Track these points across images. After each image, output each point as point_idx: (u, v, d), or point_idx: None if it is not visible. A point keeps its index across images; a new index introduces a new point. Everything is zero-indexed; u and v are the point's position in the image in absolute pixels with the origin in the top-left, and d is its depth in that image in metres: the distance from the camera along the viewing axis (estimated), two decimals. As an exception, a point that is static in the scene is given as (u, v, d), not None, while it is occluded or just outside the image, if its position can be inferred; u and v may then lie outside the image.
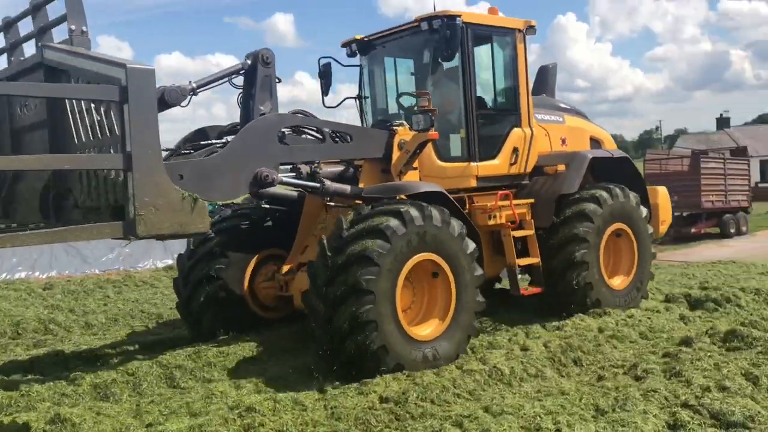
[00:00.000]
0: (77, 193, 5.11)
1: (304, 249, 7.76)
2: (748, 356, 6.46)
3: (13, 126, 5.99)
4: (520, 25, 8.20)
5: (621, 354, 6.99)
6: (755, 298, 9.30)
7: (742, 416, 4.98)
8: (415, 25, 7.74)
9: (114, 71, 4.45)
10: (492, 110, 8.27)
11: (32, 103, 5.64)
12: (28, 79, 5.49)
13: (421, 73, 8.34)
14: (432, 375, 6.09)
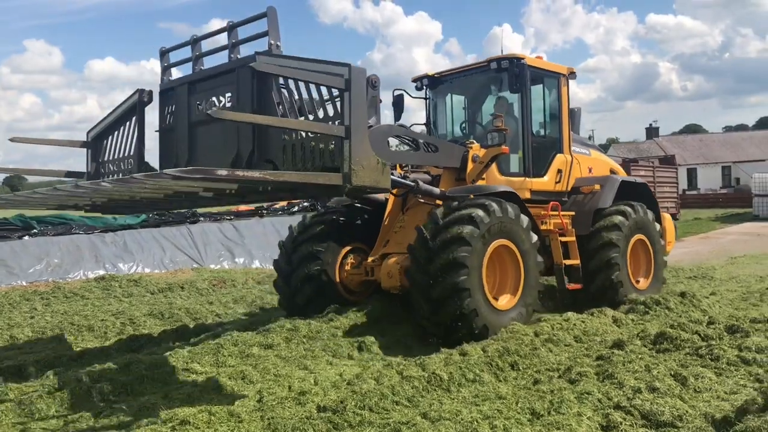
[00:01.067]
0: (279, 162, 6.29)
1: (386, 243, 9.15)
2: (677, 357, 6.66)
3: (191, 119, 7.12)
4: (564, 71, 9.89)
5: (556, 357, 7.10)
6: (683, 301, 9.57)
7: (671, 416, 5.11)
8: (483, 65, 9.39)
9: (339, 70, 5.87)
10: (541, 138, 9.74)
11: (218, 98, 6.86)
12: (224, 79, 6.82)
13: (485, 104, 9.99)
14: (371, 382, 6.07)
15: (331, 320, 8.62)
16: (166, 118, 7.50)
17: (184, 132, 7.15)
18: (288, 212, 20.42)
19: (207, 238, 17.58)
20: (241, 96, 6.56)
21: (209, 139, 6.96)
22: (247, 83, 6.54)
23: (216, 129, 6.87)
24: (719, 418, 5.12)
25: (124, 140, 7.70)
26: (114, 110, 7.85)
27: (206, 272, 15.33)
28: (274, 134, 6.37)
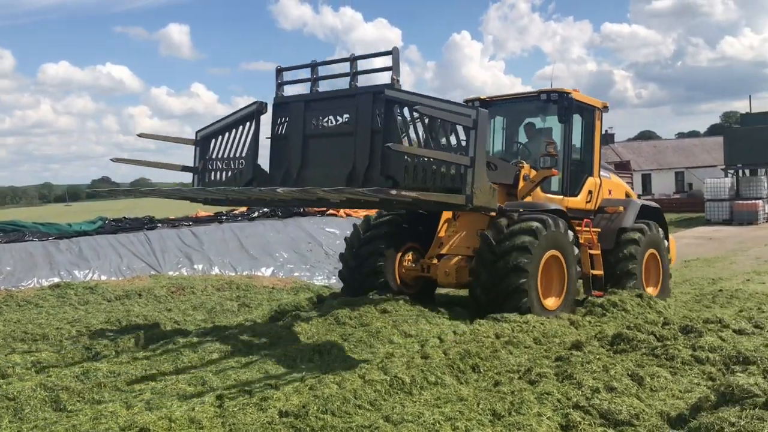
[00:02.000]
0: (400, 179, 7.28)
1: (440, 245, 10.37)
2: (634, 357, 6.81)
3: (305, 133, 8.25)
4: (599, 105, 11.06)
5: (516, 359, 7.19)
6: (640, 302, 9.77)
7: (628, 415, 5.23)
8: (534, 95, 10.50)
9: (467, 111, 7.03)
10: (577, 162, 10.82)
11: (334, 116, 8.10)
12: (343, 102, 8.06)
13: (531, 129, 10.97)
14: (334, 387, 6.06)
15: (292, 325, 8.59)
16: (278, 127, 8.64)
17: (298, 142, 8.33)
18: (248, 218, 20.23)
19: (165, 244, 17.30)
20: (359, 118, 7.75)
21: (322, 151, 8.13)
22: (367, 108, 7.70)
23: (331, 144, 8.08)
24: (674, 415, 5.26)
25: (235, 143, 8.84)
26: (228, 116, 8.97)
27: (164, 279, 15.07)
28: (396, 155, 7.29)
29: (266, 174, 8.75)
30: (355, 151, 7.76)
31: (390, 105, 7.51)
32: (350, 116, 7.95)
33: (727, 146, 37.20)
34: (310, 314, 9.41)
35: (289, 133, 8.52)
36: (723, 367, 6.49)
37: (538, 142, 10.41)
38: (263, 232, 19.02)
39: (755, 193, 34.68)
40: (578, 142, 10.87)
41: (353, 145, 7.79)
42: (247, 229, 18.95)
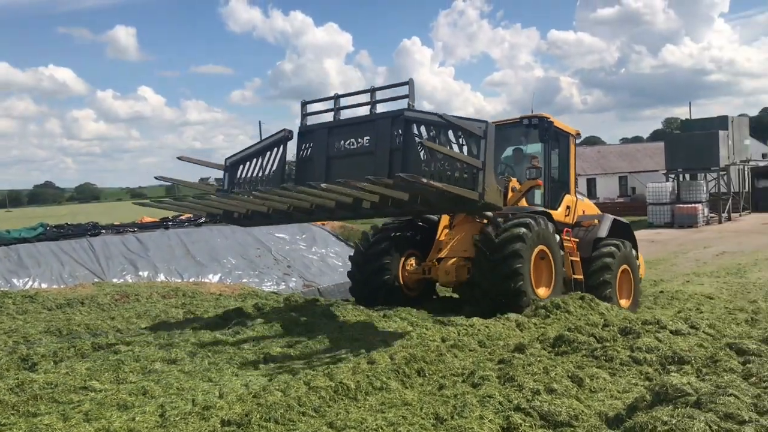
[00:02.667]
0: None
1: (439, 249, 11.34)
2: (574, 359, 6.94)
3: (328, 154, 9.35)
4: (573, 132, 12.35)
5: (461, 362, 7.26)
6: (582, 304, 9.98)
7: (567, 416, 5.33)
8: (517, 121, 11.73)
9: (478, 123, 8.10)
10: (556, 180, 11.97)
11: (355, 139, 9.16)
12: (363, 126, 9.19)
13: (518, 152, 12.24)
14: (278, 394, 6.02)
15: (238, 333, 8.51)
16: (303, 152, 9.79)
17: (322, 163, 9.41)
18: (195, 223, 19.95)
19: (109, 251, 16.94)
20: (380, 139, 8.93)
21: (345, 169, 8.95)
22: (386, 130, 8.88)
23: (353, 163, 9.10)
24: (612, 416, 5.38)
25: (264, 166, 9.88)
26: (256, 144, 10.14)
27: (108, 287, 14.74)
28: (416, 166, 8.40)
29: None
30: (375, 167, 8.70)
31: (408, 124, 8.70)
32: (370, 138, 9.07)
33: (668, 151, 38.32)
34: (256, 321, 9.33)
35: (313, 156, 9.63)
36: (659, 367, 6.67)
37: (522, 163, 11.79)
38: (210, 237, 18.79)
39: (695, 196, 35.81)
40: (556, 163, 12.04)
41: (373, 163, 8.84)
42: (194, 234, 18.70)
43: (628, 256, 12.21)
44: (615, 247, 11.88)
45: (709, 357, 6.64)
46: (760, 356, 6.51)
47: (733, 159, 37.21)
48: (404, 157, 8.61)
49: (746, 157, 40.09)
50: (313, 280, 17.47)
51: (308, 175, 9.37)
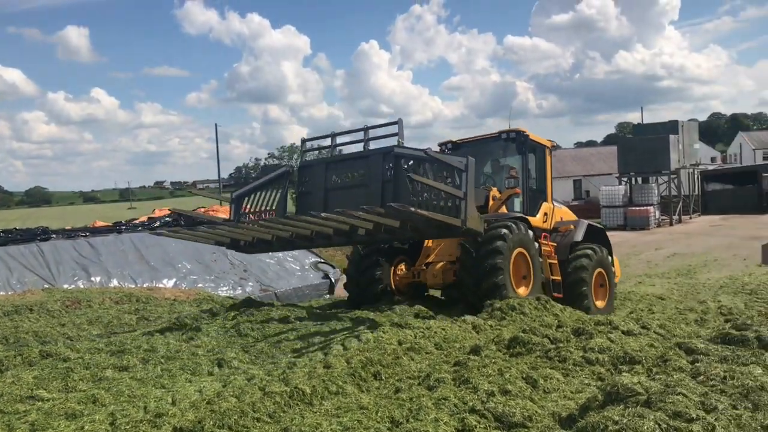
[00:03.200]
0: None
1: (427, 255, 12.27)
2: (529, 360, 7.01)
3: (326, 187, 10.50)
4: (549, 144, 12.98)
5: (417, 365, 7.27)
6: (537, 305, 10.09)
7: (521, 417, 5.38)
8: (495, 135, 12.53)
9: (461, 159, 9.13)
10: (534, 189, 12.58)
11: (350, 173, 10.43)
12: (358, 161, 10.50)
13: (496, 164, 12.92)
14: (232, 400, 5.94)
15: (192, 338, 8.39)
16: (303, 185, 10.95)
17: (320, 195, 10.53)
18: (149, 228, 19.63)
19: (60, 256, 16.55)
20: (372, 172, 10.04)
21: (341, 200, 10.02)
22: (378, 164, 9.98)
23: (348, 194, 10.23)
24: (565, 416, 5.45)
25: (266, 199, 11.01)
26: (260, 179, 11.47)
27: (59, 293, 14.40)
28: (405, 196, 9.34)
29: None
30: (368, 198, 9.78)
31: (398, 159, 9.79)
32: (364, 172, 10.24)
33: (621, 155, 39.05)
34: (211, 326, 9.22)
35: (311, 189, 10.81)
36: (611, 367, 6.78)
37: (501, 174, 12.54)
38: (165, 242, 18.47)
39: (647, 199, 36.58)
40: (533, 173, 12.69)
41: (367, 194, 9.94)
42: (148, 239, 18.39)
43: (602, 259, 12.72)
44: (591, 251, 12.44)
45: (660, 357, 6.78)
46: (708, 355, 6.67)
47: (683, 163, 38.10)
48: (395, 188, 9.75)
49: (696, 161, 41.12)
50: (270, 285, 17.34)
51: (308, 206, 10.44)
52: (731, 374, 5.71)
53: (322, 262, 19.69)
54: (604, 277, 12.81)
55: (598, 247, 12.70)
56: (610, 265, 13.19)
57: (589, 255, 12.29)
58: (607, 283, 12.88)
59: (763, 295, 15.38)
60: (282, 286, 17.35)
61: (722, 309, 13.06)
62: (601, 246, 12.92)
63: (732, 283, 17.36)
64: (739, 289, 16.50)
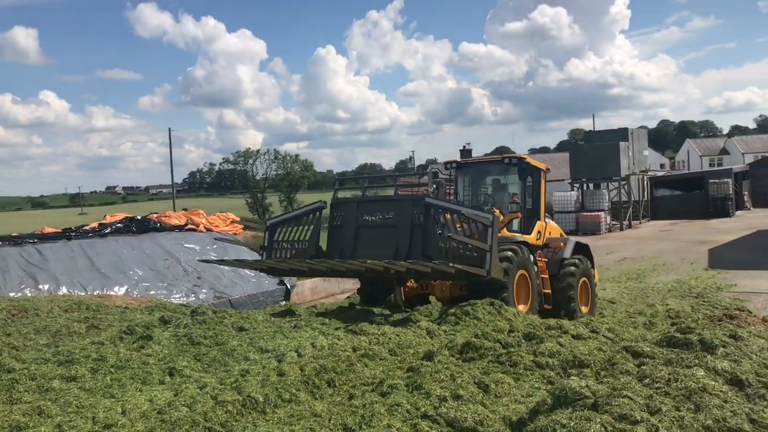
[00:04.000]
0: (435, 258, 10.18)
1: None
2: (481, 365, 7.10)
3: (357, 224, 11.34)
4: (544, 167, 13.72)
5: (371, 372, 7.29)
6: (491, 310, 10.18)
7: (473, 421, 5.45)
8: (498, 159, 13.70)
9: (486, 215, 10.24)
10: (529, 209, 13.29)
11: (380, 214, 11.20)
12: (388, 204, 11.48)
13: (497, 184, 13.81)
14: (183, 409, 5.89)
15: (143, 347, 8.26)
16: (336, 220, 11.76)
17: (351, 232, 11.41)
18: (99, 234, 19.25)
19: (5, 263, 16.10)
20: (402, 216, 10.97)
21: (371, 238, 11.18)
22: (408, 209, 10.92)
23: (378, 233, 11.19)
24: (515, 420, 5.54)
25: (301, 230, 12.07)
26: (295, 211, 12.91)
27: (4, 301, 13.98)
28: (433, 241, 10.54)
29: (325, 253, 11.78)
30: (398, 238, 10.91)
31: (428, 208, 10.75)
32: (394, 214, 11.10)
33: (573, 162, 39.80)
34: (163, 334, 9.08)
35: (343, 224, 11.61)
36: (561, 371, 6.92)
37: (501, 194, 13.50)
38: (116, 249, 18.17)
39: (598, 205, 37.32)
40: (530, 196, 13.49)
41: (396, 235, 10.98)
42: (99, 246, 18.04)
43: (586, 270, 13.81)
44: (575, 266, 13.45)
45: (607, 360, 6.94)
46: (654, 358, 6.84)
47: (633, 169, 38.98)
48: (424, 233, 10.72)
49: (645, 168, 42.11)
50: (225, 292, 17.16)
51: (339, 240, 11.54)
52: (675, 377, 5.87)
53: (278, 268, 19.58)
54: (587, 284, 13.81)
55: (581, 259, 13.70)
56: (593, 276, 14.27)
57: (576, 265, 13.37)
58: (589, 289, 13.90)
59: (709, 298, 15.86)
60: (237, 293, 17.19)
61: (670, 312, 13.41)
62: (584, 258, 13.90)
63: (680, 287, 17.84)
64: (687, 292, 16.98)
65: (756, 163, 53.57)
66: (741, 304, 14.28)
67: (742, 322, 8.96)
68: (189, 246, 19.42)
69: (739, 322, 9.04)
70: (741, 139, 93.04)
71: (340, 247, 11.52)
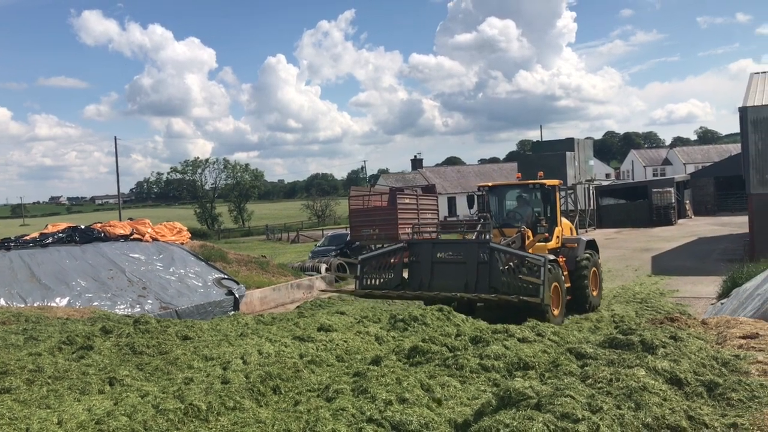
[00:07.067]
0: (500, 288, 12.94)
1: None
2: (427, 369, 7.10)
3: (433, 260, 13.84)
4: (557, 183, 16.08)
5: (318, 378, 7.22)
6: (440, 316, 10.24)
7: (418, 424, 5.43)
8: (526, 183, 16.23)
9: (539, 256, 12.74)
10: (549, 218, 15.53)
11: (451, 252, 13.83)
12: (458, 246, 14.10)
13: (523, 201, 16.13)
14: (123, 419, 5.74)
15: (83, 357, 8.03)
16: (413, 256, 14.17)
17: (428, 266, 13.86)
18: (40, 244, 18.68)
19: (-61, 275, 15.50)
20: (469, 255, 13.48)
21: (444, 271, 13.69)
22: (474, 250, 13.45)
23: (450, 267, 13.64)
24: (461, 422, 5.54)
25: (388, 264, 14.62)
26: (384, 249, 15.26)
27: (-63, 314, 13.45)
28: (497, 275, 12.97)
29: (407, 282, 14.17)
30: (467, 272, 13.40)
31: (492, 251, 13.15)
32: (463, 253, 13.63)
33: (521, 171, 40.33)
34: (104, 344, 8.85)
35: (421, 260, 14.03)
36: (506, 373, 6.96)
37: (524, 208, 15.83)
38: (58, 259, 17.66)
39: (546, 213, 37.84)
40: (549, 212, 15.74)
41: (465, 269, 13.46)
42: (39, 256, 17.51)
43: (595, 262, 16.20)
44: (589, 260, 15.68)
45: (552, 362, 7.01)
46: (596, 359, 6.94)
47: (579, 178, 39.79)
48: (490, 268, 13.10)
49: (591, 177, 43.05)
50: (171, 302, 16.82)
51: (417, 272, 14.00)
52: (617, 376, 5.96)
53: (226, 278, 19.29)
54: (596, 274, 16.21)
55: (591, 253, 16.07)
56: (599, 264, 16.66)
57: (588, 260, 15.67)
58: (598, 277, 16.29)
59: (652, 303, 16.21)
60: (183, 304, 16.87)
61: (615, 317, 13.67)
62: (594, 252, 16.29)
63: (624, 293, 18.21)
64: (631, 298, 17.33)
65: (697, 173, 55.27)
66: (683, 309, 14.64)
67: (682, 325, 9.18)
68: (134, 256, 19.00)
69: (680, 324, 9.26)
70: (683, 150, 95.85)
71: (419, 278, 13.93)
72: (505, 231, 15.14)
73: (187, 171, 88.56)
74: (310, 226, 74.01)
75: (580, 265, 15.38)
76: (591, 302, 15.27)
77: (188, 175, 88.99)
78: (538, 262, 12.48)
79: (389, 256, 14.72)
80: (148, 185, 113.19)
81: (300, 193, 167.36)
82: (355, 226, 27.71)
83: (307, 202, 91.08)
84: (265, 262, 23.45)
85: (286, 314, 13.75)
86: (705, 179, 50.89)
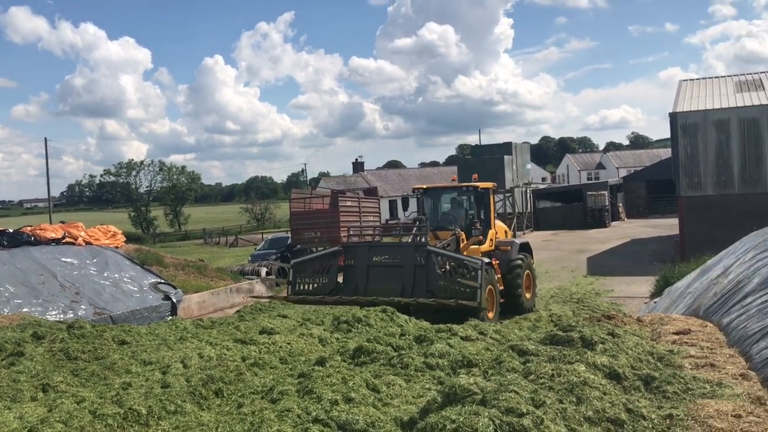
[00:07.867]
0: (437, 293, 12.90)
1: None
2: (372, 369, 7.09)
3: (369, 264, 13.76)
4: (491, 186, 16.31)
5: (261, 380, 7.13)
6: (383, 317, 10.25)
7: (365, 423, 5.41)
8: (460, 186, 16.60)
9: (474, 261, 12.94)
10: (483, 221, 15.64)
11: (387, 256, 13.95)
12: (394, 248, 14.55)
13: (457, 204, 16.32)
14: (58, 425, 5.54)
15: (13, 364, 7.71)
16: (350, 260, 14.11)
17: (364, 270, 13.70)
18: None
19: None
20: (406, 258, 13.40)
21: (380, 275, 13.55)
22: (411, 253, 13.41)
23: (386, 271, 13.54)
24: (406, 419, 5.54)
25: (322, 269, 14.25)
26: (318, 253, 15.58)
27: None
28: (434, 279, 12.94)
29: (341, 287, 13.95)
30: (403, 276, 13.28)
31: (429, 254, 13.13)
32: (400, 257, 13.58)
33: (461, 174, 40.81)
34: (36, 351, 8.52)
35: (356, 264, 13.92)
36: (450, 371, 7.01)
37: (458, 211, 15.98)
38: (-16, 263, 16.93)
39: (485, 216, 38.37)
40: (483, 215, 15.80)
41: (402, 273, 13.33)
42: (-31, 261, 16.76)
43: (529, 264, 16.31)
44: (522, 262, 15.84)
45: (495, 359, 7.09)
46: (538, 356, 7.05)
47: (516, 182, 40.48)
48: (427, 272, 13.06)
49: (528, 180, 43.83)
50: (105, 308, 16.36)
51: (353, 277, 13.86)
52: (558, 372, 6.07)
53: (163, 282, 18.88)
54: (530, 276, 16.33)
55: (525, 256, 16.17)
56: (533, 267, 16.89)
57: (522, 261, 15.82)
58: (531, 279, 16.42)
59: (588, 303, 16.63)
60: (118, 309, 16.42)
61: (553, 317, 13.96)
62: (527, 254, 16.39)
63: (561, 293, 18.63)
64: (568, 298, 17.75)
65: (629, 176, 57.02)
66: (618, 308, 15.05)
67: (619, 322, 9.43)
68: (66, 260, 18.39)
69: (617, 322, 9.51)
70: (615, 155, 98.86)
71: (354, 283, 13.76)
72: (439, 234, 14.99)
73: (121, 173, 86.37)
74: (250, 230, 73.09)
75: (513, 267, 15.43)
76: (524, 304, 15.28)
77: (122, 178, 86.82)
78: (476, 266, 12.52)
79: (324, 260, 14.45)
80: (80, 188, 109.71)
81: (239, 196, 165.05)
82: (296, 229, 27.52)
83: (246, 205, 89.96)
84: (203, 266, 23.04)
85: (226, 318, 13.56)
86: (637, 183, 52.53)
